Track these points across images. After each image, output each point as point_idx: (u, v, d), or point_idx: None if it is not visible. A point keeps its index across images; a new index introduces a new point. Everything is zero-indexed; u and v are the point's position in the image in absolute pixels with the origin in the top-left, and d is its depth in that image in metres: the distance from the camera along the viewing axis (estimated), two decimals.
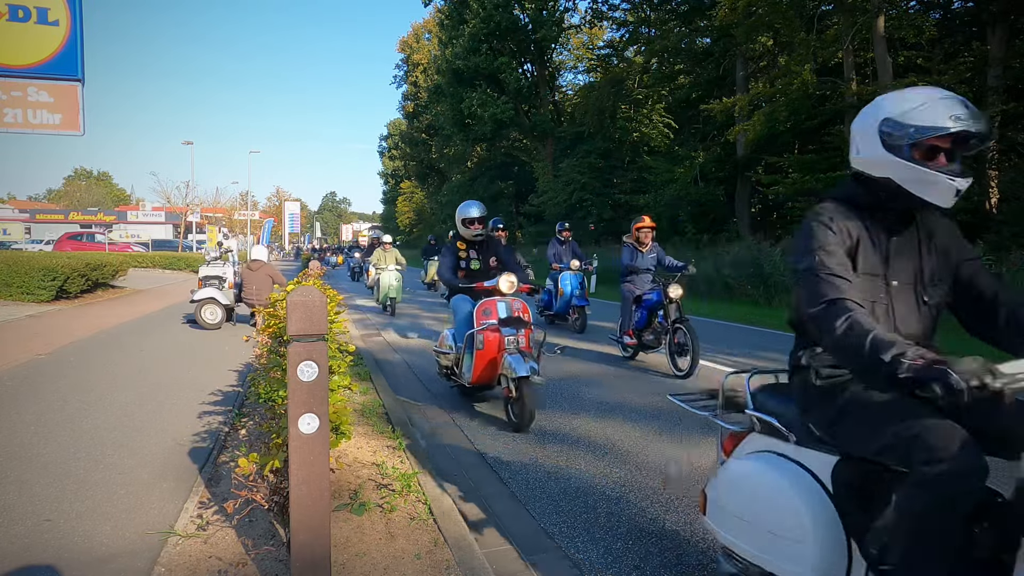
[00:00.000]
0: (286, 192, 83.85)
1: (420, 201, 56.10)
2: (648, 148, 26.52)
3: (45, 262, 12.16)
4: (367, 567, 2.48)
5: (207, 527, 2.79)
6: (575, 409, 5.08)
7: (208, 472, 3.50)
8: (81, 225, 46.67)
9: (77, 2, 6.80)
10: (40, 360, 6.64)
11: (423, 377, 6.30)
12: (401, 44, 53.10)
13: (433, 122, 41.18)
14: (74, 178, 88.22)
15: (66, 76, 6.85)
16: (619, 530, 2.92)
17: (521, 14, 29.39)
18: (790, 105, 16.97)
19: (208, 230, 34.61)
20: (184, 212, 37.90)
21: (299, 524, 2.16)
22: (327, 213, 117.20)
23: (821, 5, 17.52)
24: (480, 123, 29.28)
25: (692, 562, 2.62)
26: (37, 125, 6.86)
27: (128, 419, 4.51)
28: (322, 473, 2.18)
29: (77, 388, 5.42)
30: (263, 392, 3.21)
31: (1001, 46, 14.12)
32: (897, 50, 16.68)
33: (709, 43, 23.27)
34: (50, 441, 4.00)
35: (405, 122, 55.12)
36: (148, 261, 24.31)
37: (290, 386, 2.14)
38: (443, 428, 4.60)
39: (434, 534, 2.79)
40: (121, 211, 56.60)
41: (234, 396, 5.21)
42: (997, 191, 14.25)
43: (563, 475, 3.63)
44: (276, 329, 3.29)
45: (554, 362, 7.10)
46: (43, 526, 2.83)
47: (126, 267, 16.21)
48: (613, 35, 29.88)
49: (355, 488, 3.23)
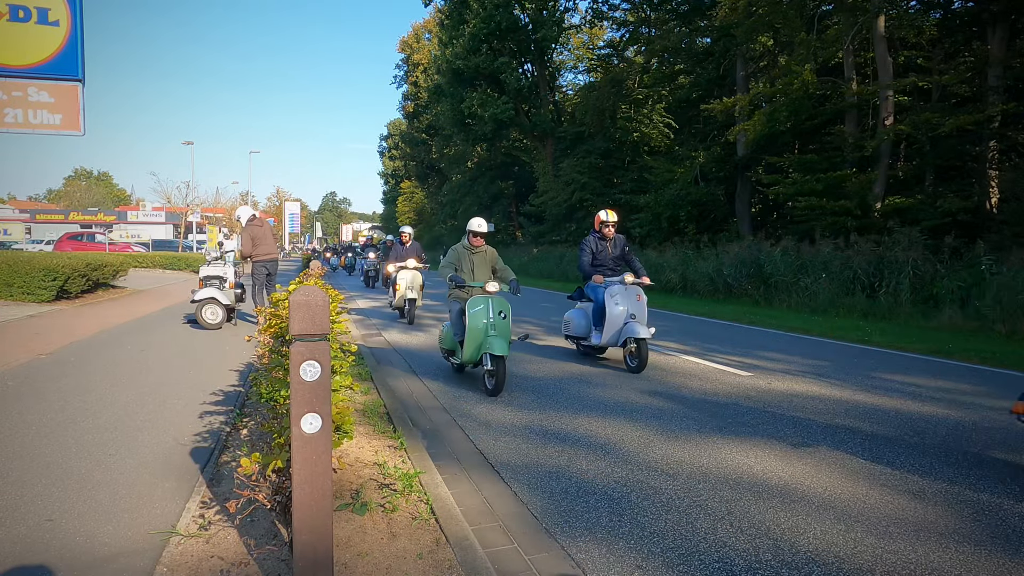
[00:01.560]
0: (286, 192, 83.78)
1: (420, 201, 56.10)
2: (648, 148, 26.52)
3: (46, 262, 12.15)
4: (369, 567, 2.49)
5: (209, 527, 2.79)
6: (576, 409, 5.08)
7: (210, 472, 3.50)
8: (81, 225, 46.73)
9: (77, 2, 6.81)
10: (41, 360, 6.64)
11: (424, 377, 6.31)
12: (401, 44, 53.11)
13: (433, 122, 41.19)
14: (74, 178, 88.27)
15: (66, 76, 6.86)
16: (621, 530, 2.92)
17: (521, 14, 29.40)
18: (790, 105, 16.97)
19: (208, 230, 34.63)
20: (184, 212, 37.91)
21: (301, 524, 2.16)
22: (327, 213, 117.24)
23: (821, 5, 17.52)
24: (480, 123, 29.29)
25: (694, 562, 2.62)
26: (37, 125, 6.87)
27: (129, 419, 4.51)
28: (324, 473, 2.18)
29: (78, 388, 5.42)
30: (265, 392, 3.21)
31: (1001, 46, 14.12)
32: (897, 50, 16.68)
33: (709, 43, 23.27)
34: (51, 441, 4.00)
35: (405, 122, 55.13)
36: (148, 261, 24.30)
37: (292, 386, 2.14)
38: (444, 428, 4.60)
39: (436, 534, 2.79)
40: (121, 211, 56.67)
41: (235, 396, 5.21)
42: (997, 191, 14.25)
43: (564, 475, 3.63)
44: (278, 329, 3.29)
45: (555, 363, 7.11)
46: (45, 526, 2.83)
47: (126, 267, 16.19)
48: (613, 35, 29.95)
49: (357, 488, 3.23)
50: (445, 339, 6.27)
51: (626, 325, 6.40)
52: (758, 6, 17.23)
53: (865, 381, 6.14)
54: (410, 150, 52.77)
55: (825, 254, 13.56)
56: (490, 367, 5.42)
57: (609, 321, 6.44)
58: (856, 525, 2.96)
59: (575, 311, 7.19)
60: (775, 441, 4.25)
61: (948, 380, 6.28)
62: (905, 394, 5.64)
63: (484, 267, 6.15)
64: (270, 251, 9.37)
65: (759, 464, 3.79)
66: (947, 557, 2.66)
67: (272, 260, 9.37)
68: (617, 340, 6.52)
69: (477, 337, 5.41)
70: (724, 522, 2.99)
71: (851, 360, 7.32)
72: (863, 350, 8.11)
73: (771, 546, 2.75)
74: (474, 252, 6.11)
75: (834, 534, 2.86)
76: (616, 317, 6.43)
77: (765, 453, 4.00)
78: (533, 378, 6.26)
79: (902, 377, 6.39)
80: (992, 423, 4.71)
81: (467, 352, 5.54)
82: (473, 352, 5.51)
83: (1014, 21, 14.52)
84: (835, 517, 3.04)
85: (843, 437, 4.33)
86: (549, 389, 5.79)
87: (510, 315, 5.63)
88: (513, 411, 5.03)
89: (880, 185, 15.54)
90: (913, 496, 3.31)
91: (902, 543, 2.78)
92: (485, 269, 6.15)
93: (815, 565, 2.58)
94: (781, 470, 3.69)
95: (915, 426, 4.62)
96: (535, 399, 5.42)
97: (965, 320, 10.09)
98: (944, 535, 2.86)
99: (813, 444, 4.19)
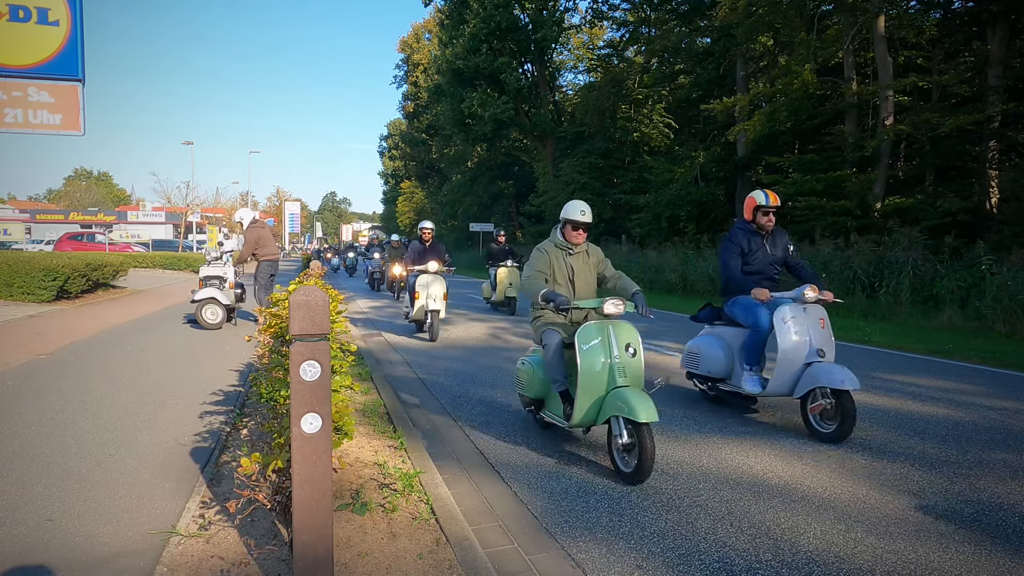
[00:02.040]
0: (286, 192, 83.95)
1: (420, 201, 56.08)
2: (648, 148, 26.54)
3: (46, 262, 12.15)
4: (369, 567, 2.48)
5: (209, 527, 2.79)
6: None
7: (210, 472, 3.50)
8: (81, 225, 46.75)
9: (77, 2, 6.80)
10: (41, 360, 6.64)
11: (425, 377, 6.30)
12: (401, 44, 53.11)
13: (433, 122, 41.20)
14: (74, 178, 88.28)
15: (66, 76, 6.85)
16: (621, 529, 2.92)
17: (521, 14, 29.41)
18: (790, 105, 16.98)
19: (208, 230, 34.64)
20: (184, 212, 37.93)
21: (301, 524, 2.16)
22: (327, 213, 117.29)
23: (821, 5, 17.53)
24: (480, 123, 29.29)
25: (694, 562, 2.62)
26: (37, 125, 6.87)
27: (129, 419, 4.51)
28: (325, 473, 2.18)
29: (78, 388, 5.41)
30: (265, 392, 3.21)
31: (1001, 46, 14.12)
32: (897, 50, 16.68)
33: (709, 43, 23.29)
34: (51, 441, 4.00)
35: (405, 122, 55.15)
36: (148, 261, 24.30)
37: (292, 386, 2.14)
38: (444, 428, 4.60)
39: (436, 534, 2.79)
40: (121, 211, 56.70)
41: (235, 396, 5.21)
42: (997, 191, 14.25)
43: (565, 474, 3.63)
44: (278, 329, 3.29)
45: None
46: (45, 526, 2.83)
47: (126, 267, 16.19)
48: (613, 35, 29.99)
49: (357, 488, 3.23)
50: (529, 383, 4.20)
51: (811, 367, 4.32)
52: (758, 6, 17.24)
53: (865, 381, 6.14)
54: (410, 150, 52.79)
55: (825, 254, 13.56)
56: (627, 439, 3.47)
57: (783, 359, 4.35)
58: (856, 525, 2.96)
59: (705, 339, 5.12)
60: (775, 441, 4.25)
61: (948, 380, 6.28)
62: (905, 394, 5.64)
63: (587, 275, 4.21)
64: (274, 252, 9.50)
65: (759, 464, 3.79)
66: (947, 557, 2.66)
67: (276, 260, 9.48)
68: (792, 388, 4.40)
69: (596, 388, 3.60)
70: (724, 522, 2.99)
71: (851, 360, 7.31)
72: (863, 350, 8.11)
73: (771, 546, 2.75)
74: (573, 252, 4.16)
75: (834, 534, 2.86)
76: (793, 352, 4.37)
77: (765, 453, 4.00)
78: None
79: (902, 377, 6.39)
80: (992, 423, 4.71)
81: (579, 410, 3.64)
82: (590, 411, 3.64)
83: (1014, 21, 14.52)
84: (835, 517, 3.04)
85: None
86: None
87: (641, 350, 3.76)
88: (513, 411, 5.03)
89: (880, 185, 15.55)
90: (913, 496, 3.31)
91: (902, 543, 2.78)
92: (589, 278, 4.21)
93: (815, 565, 2.58)
94: (781, 470, 3.69)
95: (915, 426, 4.62)
96: None
97: (965, 320, 10.10)
98: (944, 535, 2.86)
99: (813, 444, 4.18)
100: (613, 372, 3.60)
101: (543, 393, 4.16)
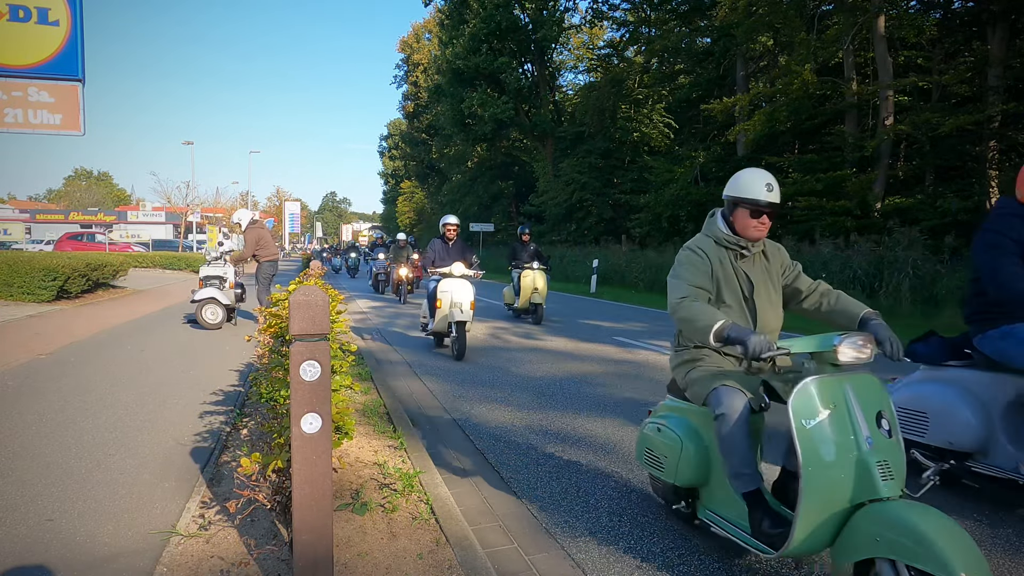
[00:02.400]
0: (286, 192, 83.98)
1: (420, 201, 56.12)
2: (648, 148, 26.55)
3: (46, 262, 12.15)
4: (369, 567, 2.48)
5: (209, 527, 2.79)
6: (576, 408, 5.08)
7: (210, 472, 3.50)
8: (81, 225, 46.77)
9: (77, 2, 6.81)
10: (41, 360, 6.64)
11: (425, 377, 6.30)
12: (401, 44, 53.15)
13: (433, 122, 41.22)
14: (74, 178, 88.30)
15: (66, 76, 6.85)
16: (621, 529, 2.92)
17: (521, 14, 29.42)
18: (790, 105, 16.99)
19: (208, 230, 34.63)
20: (184, 212, 37.92)
21: (301, 524, 2.16)
22: (327, 213, 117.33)
23: (821, 5, 17.54)
24: (480, 123, 29.31)
25: (694, 562, 2.62)
26: (37, 125, 6.87)
27: (129, 419, 4.51)
28: (325, 473, 2.18)
29: (78, 388, 5.41)
30: (265, 392, 3.21)
31: (1001, 46, 14.13)
32: (897, 50, 16.69)
33: (709, 43, 23.31)
34: (51, 441, 4.00)
35: (405, 122, 55.16)
36: (148, 261, 24.29)
37: (292, 386, 2.14)
38: (444, 427, 4.60)
39: (436, 534, 2.79)
40: (121, 211, 56.73)
41: (235, 396, 5.21)
42: (997, 191, 14.26)
43: (565, 474, 3.63)
44: (278, 329, 3.29)
45: (555, 362, 7.11)
46: (45, 526, 2.83)
47: (127, 267, 16.18)
48: (613, 35, 29.98)
49: (357, 488, 3.23)
50: (675, 463, 2.64)
51: None
52: (758, 6, 17.25)
53: None
54: (410, 150, 52.79)
55: (825, 254, 13.56)
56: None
57: None
58: None
59: (935, 388, 3.38)
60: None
61: None
62: None
63: (771, 291, 2.67)
64: (274, 252, 9.56)
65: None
66: None
67: (276, 260, 9.53)
68: None
69: (833, 496, 2.03)
70: None
71: None
72: None
73: None
74: (748, 254, 2.65)
75: None
76: None
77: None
78: (533, 378, 6.26)
79: (902, 377, 6.37)
80: None
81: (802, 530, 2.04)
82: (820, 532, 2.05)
83: (1014, 21, 14.53)
84: None
85: None
86: (549, 389, 5.78)
87: (896, 423, 2.25)
88: (513, 411, 5.03)
89: (880, 185, 15.56)
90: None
91: None
92: (773, 296, 2.68)
93: (815, 564, 2.58)
94: None
95: None
96: (535, 399, 5.41)
97: None
98: None
99: None
100: (867, 469, 2.01)
101: (699, 479, 2.62)
